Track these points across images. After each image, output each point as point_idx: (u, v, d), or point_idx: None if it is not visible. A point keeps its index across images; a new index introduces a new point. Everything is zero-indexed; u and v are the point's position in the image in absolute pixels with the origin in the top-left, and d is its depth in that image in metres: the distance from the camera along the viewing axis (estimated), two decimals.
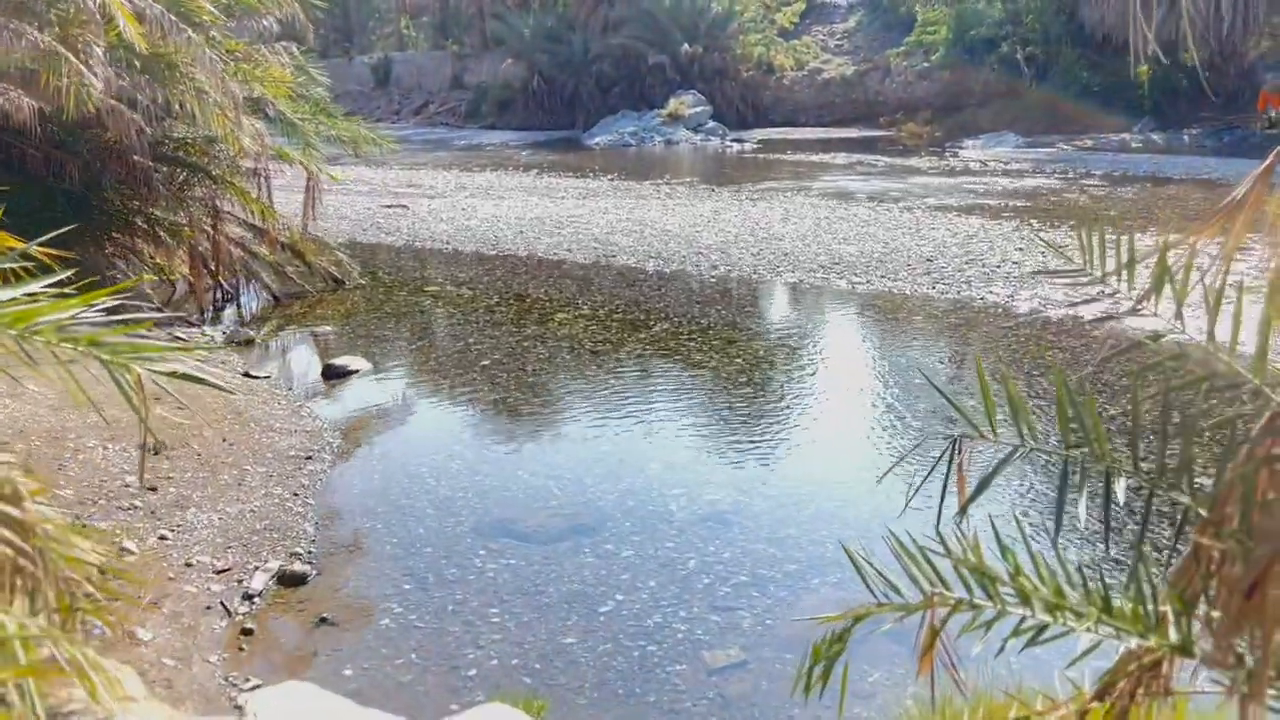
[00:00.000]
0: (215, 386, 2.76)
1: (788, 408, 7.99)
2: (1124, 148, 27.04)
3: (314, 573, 5.27)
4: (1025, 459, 2.47)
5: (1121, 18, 30.85)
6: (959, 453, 2.35)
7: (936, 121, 34.88)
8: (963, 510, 2.28)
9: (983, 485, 2.28)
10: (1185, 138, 28.53)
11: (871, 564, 2.34)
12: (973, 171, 22.77)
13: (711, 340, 9.79)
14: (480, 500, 6.20)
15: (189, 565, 5.23)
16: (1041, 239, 13.06)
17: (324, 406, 8.14)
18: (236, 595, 5.01)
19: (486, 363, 9.22)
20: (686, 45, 37.67)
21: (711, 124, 35.17)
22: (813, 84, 39.09)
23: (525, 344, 9.81)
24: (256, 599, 5.00)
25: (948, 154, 26.94)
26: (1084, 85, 32.73)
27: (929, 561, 2.11)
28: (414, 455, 7.01)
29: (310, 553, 5.52)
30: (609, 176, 22.78)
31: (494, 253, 14.40)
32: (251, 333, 10.39)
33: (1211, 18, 29.37)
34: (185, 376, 2.62)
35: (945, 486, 2.37)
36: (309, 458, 6.86)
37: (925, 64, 36.99)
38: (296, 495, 6.24)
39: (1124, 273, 2.57)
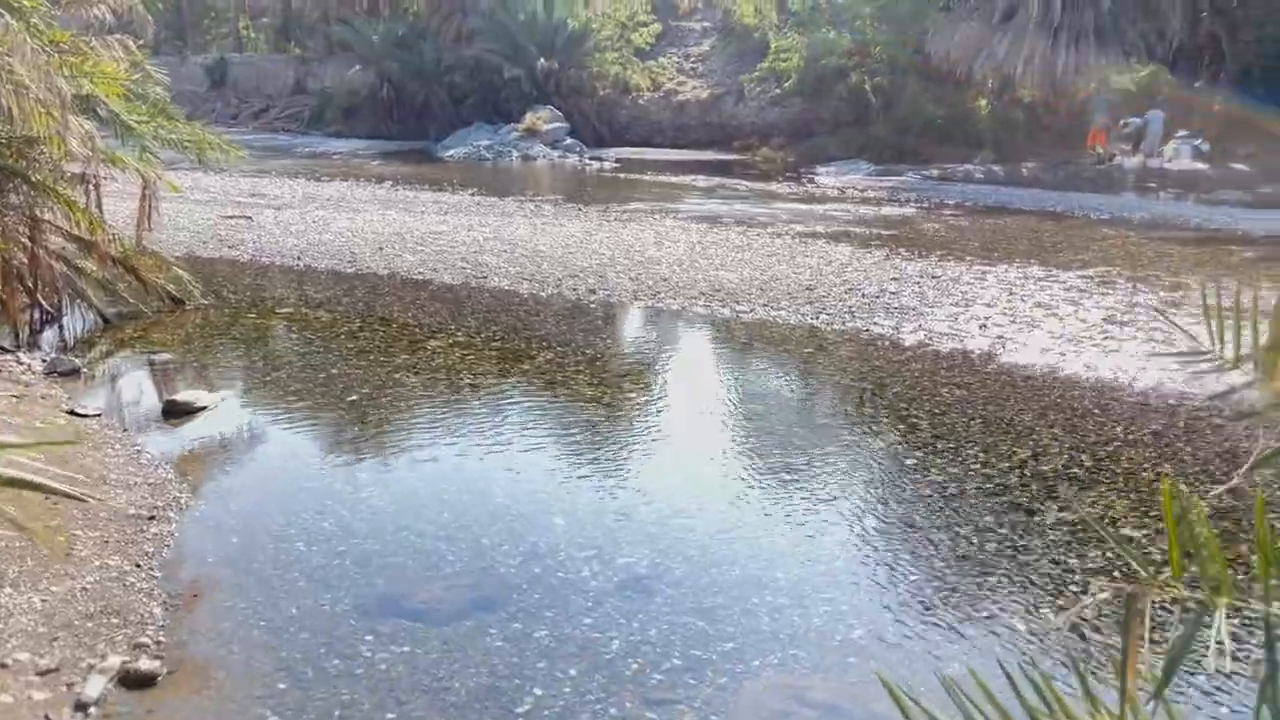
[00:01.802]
0: (60, 494, 1.98)
1: (696, 452, 7.45)
2: (969, 178, 27.95)
3: (165, 670, 4.36)
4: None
5: (965, 53, 32.13)
6: (1136, 611, 1.78)
7: (789, 147, 35.41)
8: (1157, 695, 1.71)
9: (1173, 662, 1.72)
10: (1024, 170, 29.74)
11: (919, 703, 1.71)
12: (832, 198, 23.00)
13: (601, 373, 9.18)
14: (361, 569, 5.38)
15: (3, 667, 4.24)
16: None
17: (168, 451, 7.10)
18: (66, 706, 4.06)
19: (355, 397, 8.33)
20: (543, 60, 37.06)
21: (569, 140, 34.66)
22: (669, 105, 39.15)
23: (397, 376, 8.95)
24: (92, 709, 4.07)
25: (804, 180, 27.22)
26: (929, 117, 33.84)
27: None
28: (279, 512, 6.10)
29: (159, 643, 4.59)
30: (469, 191, 21.90)
31: (352, 270, 13.38)
32: (77, 360, 9.11)
33: (1047, 57, 30.88)
34: (18, 483, 1.84)
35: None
36: (152, 517, 5.87)
37: (778, 90, 37.56)
38: (139, 567, 5.26)
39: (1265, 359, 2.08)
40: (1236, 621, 2.84)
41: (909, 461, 7.16)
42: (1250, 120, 29.37)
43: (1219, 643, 1.61)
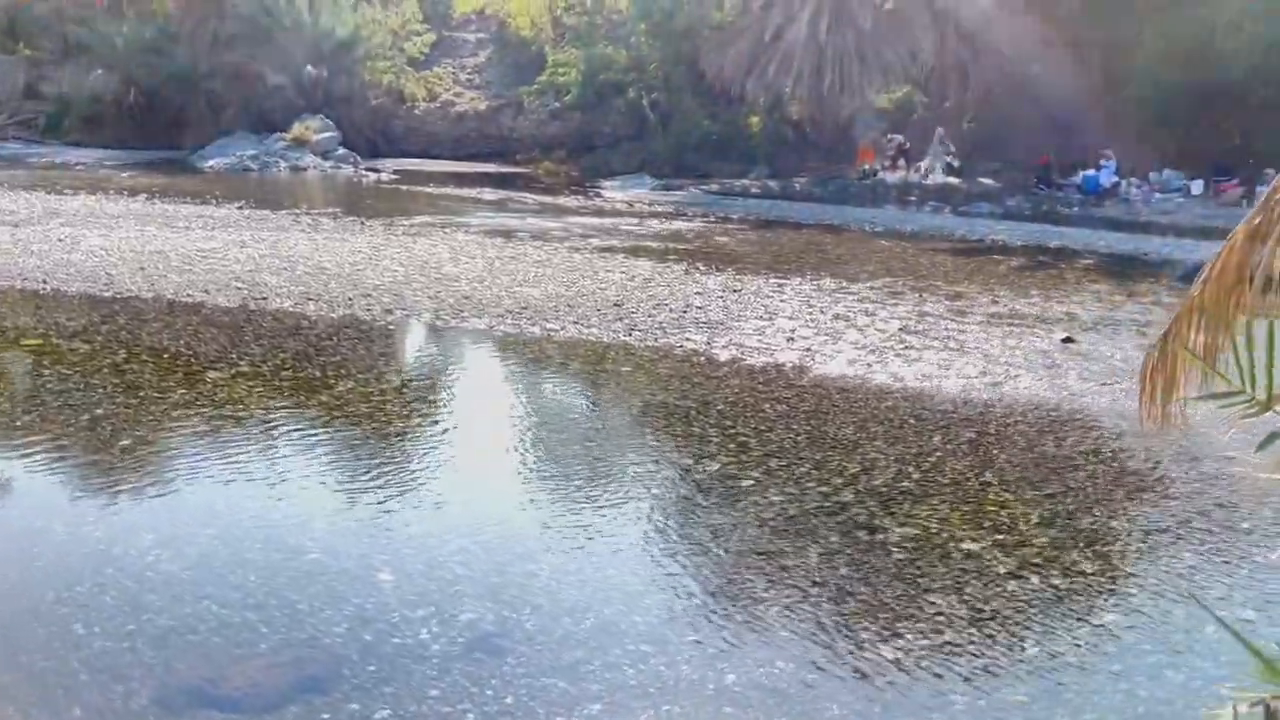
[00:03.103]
0: None
1: (529, 486, 6.95)
2: (747, 193, 28.74)
3: None
4: None
5: (737, 71, 33.11)
6: None
7: (572, 160, 35.36)
8: None
9: None
10: (797, 185, 30.90)
11: None
12: (622, 213, 22.98)
13: (411, 402, 8.51)
14: (158, 652, 4.56)
15: None
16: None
17: None
18: None
19: (127, 442, 7.28)
20: (310, 68, 35.27)
21: (342, 151, 33.10)
22: (446, 116, 38.24)
23: (175, 414, 7.94)
24: None
25: (591, 194, 27.15)
26: (705, 132, 34.67)
27: None
28: (47, 588, 5.12)
29: None
30: (237, 204, 20.31)
31: (110, 294, 11.95)
32: None
33: (813, 77, 32.28)
34: None
35: None
36: None
37: (557, 104, 37.43)
38: None
39: None
40: None
41: (746, 483, 6.95)
42: (993, 138, 31.86)
43: None
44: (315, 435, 7.67)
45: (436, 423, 8.21)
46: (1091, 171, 28.15)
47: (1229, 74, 25.73)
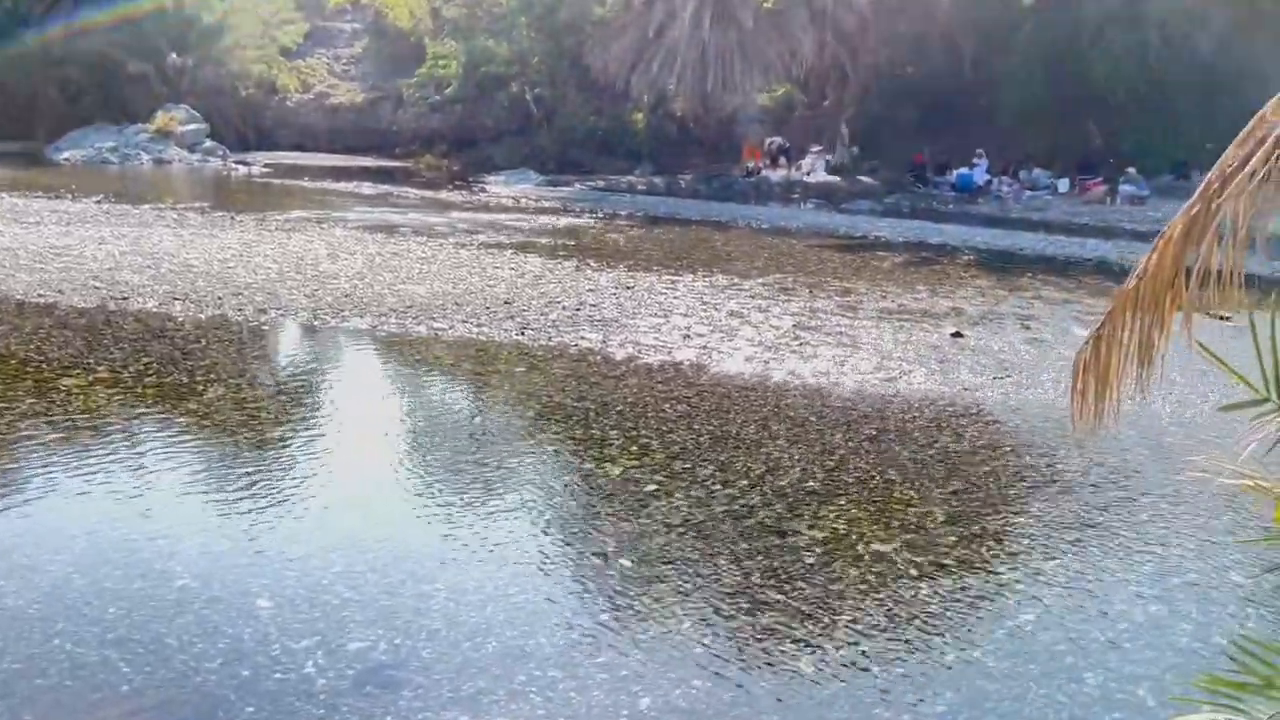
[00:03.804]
0: None
1: (420, 498, 6.51)
2: (633, 189, 28.58)
3: None
4: None
5: (621, 67, 32.90)
6: None
7: (454, 155, 34.63)
8: None
9: None
10: (682, 182, 30.91)
11: None
12: (508, 208, 22.50)
13: (288, 408, 7.96)
14: (1, 701, 4.01)
15: None
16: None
17: None
18: None
19: None
20: (174, 56, 33.65)
21: (209, 143, 31.70)
22: (321, 108, 37.02)
23: (24, 427, 7.21)
24: None
25: (475, 189, 26.57)
26: (590, 128, 34.37)
27: None
28: None
29: None
30: (95, 199, 19.09)
31: None
32: None
33: (697, 74, 32.32)
34: None
35: None
36: None
37: (438, 97, 36.61)
38: None
39: None
40: None
41: (650, 488, 6.68)
42: (871, 137, 32.48)
43: None
44: (183, 447, 7.07)
45: (317, 431, 7.68)
46: (965, 170, 28.96)
47: (1091, 77, 26.79)
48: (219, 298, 11.25)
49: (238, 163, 29.99)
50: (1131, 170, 26.41)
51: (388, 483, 6.77)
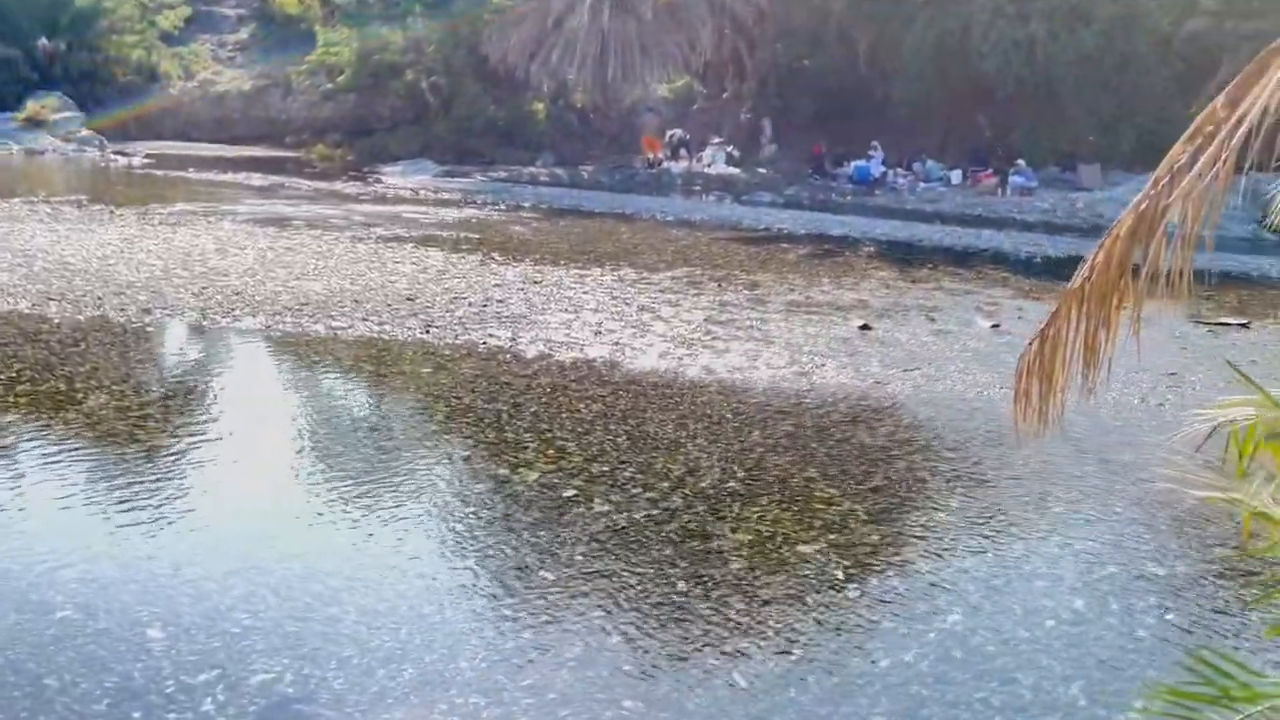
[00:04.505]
0: None
1: (324, 513, 6.13)
2: (535, 180, 28.14)
3: None
4: None
5: (520, 56, 32.39)
6: None
7: (348, 145, 33.56)
8: None
9: None
10: (584, 174, 30.56)
11: None
12: (406, 200, 21.88)
13: (177, 416, 7.46)
14: None
15: None
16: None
17: None
18: None
19: None
20: (45, 40, 31.84)
21: (86, 133, 30.03)
22: (206, 96, 35.48)
23: None
24: None
25: (371, 180, 25.79)
26: (489, 118, 33.74)
27: None
28: None
29: None
30: None
31: None
32: None
33: (597, 64, 32.03)
34: None
35: None
36: None
37: (330, 85, 35.44)
38: None
39: None
40: None
41: (569, 493, 6.45)
42: (770, 128, 32.70)
43: None
44: (62, 462, 6.54)
45: (210, 442, 7.21)
46: (862, 162, 29.34)
47: (981, 70, 27.40)
48: (99, 297, 10.56)
49: (117, 153, 28.49)
50: (1021, 162, 27.11)
51: (288, 497, 6.38)
